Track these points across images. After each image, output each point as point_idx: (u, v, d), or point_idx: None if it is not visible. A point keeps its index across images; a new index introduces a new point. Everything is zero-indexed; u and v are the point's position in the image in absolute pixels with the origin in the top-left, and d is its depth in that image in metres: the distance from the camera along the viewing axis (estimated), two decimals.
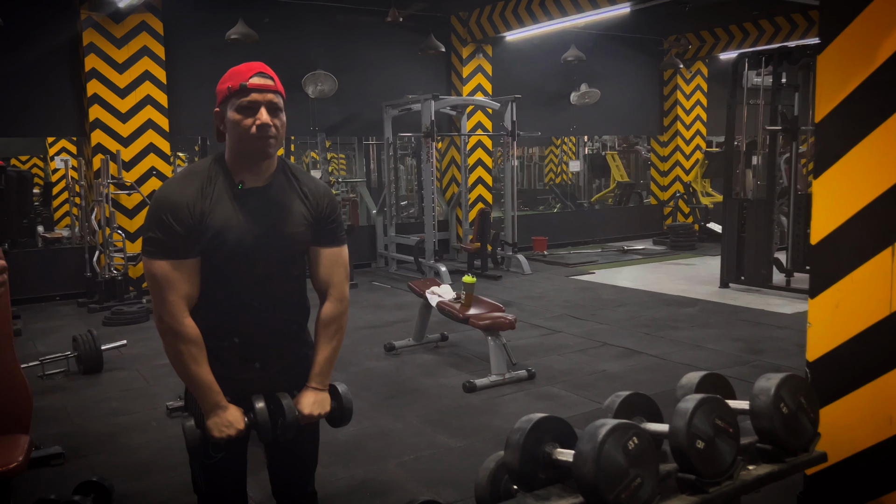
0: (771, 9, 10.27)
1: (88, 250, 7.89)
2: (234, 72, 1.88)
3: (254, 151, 1.86)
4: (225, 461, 1.95)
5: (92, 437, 4.03)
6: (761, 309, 6.89)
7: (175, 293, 1.81)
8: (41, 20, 7.86)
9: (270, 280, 1.92)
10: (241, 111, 1.83)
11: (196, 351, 1.84)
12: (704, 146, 13.16)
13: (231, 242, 1.84)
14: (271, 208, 1.90)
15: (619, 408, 1.51)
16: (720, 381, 1.62)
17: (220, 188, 1.87)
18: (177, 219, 1.80)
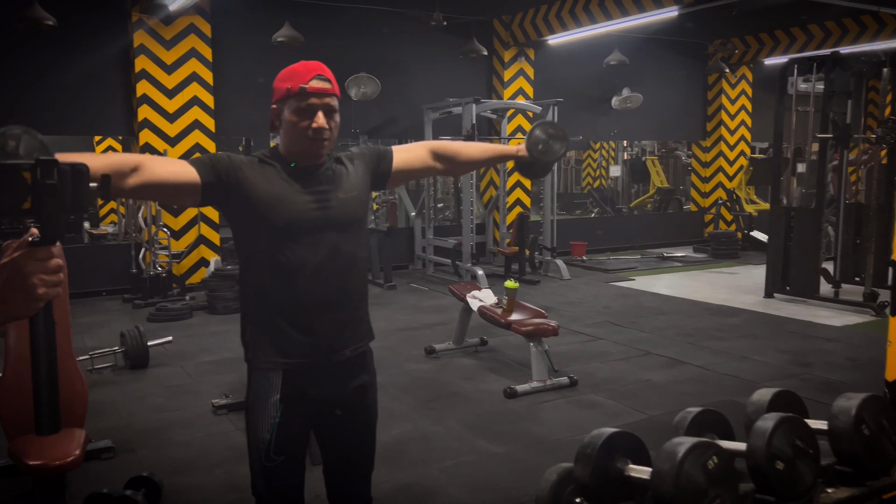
0: (821, 13, 10.04)
1: (134, 247, 8.05)
2: (293, 71, 1.89)
3: (308, 151, 1.90)
4: (285, 464, 1.94)
5: (139, 431, 4.10)
6: (808, 320, 6.73)
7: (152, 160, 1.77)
8: (94, 22, 8.05)
9: (335, 252, 1.91)
10: (299, 113, 1.85)
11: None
12: (749, 152, 12.92)
13: (288, 213, 1.86)
14: (325, 178, 1.94)
15: (691, 424, 1.47)
16: (793, 399, 1.57)
17: (274, 168, 1.90)
18: (212, 160, 1.84)
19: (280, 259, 1.87)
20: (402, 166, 2.12)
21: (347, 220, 1.95)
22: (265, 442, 1.92)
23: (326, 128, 1.86)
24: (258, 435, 1.94)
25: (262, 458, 1.93)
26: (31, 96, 7.82)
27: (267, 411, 1.92)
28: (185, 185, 1.79)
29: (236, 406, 4.43)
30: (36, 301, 1.14)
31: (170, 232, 8.03)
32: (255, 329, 1.97)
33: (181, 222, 8.44)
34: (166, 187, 1.77)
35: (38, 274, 1.12)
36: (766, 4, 9.41)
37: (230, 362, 5.48)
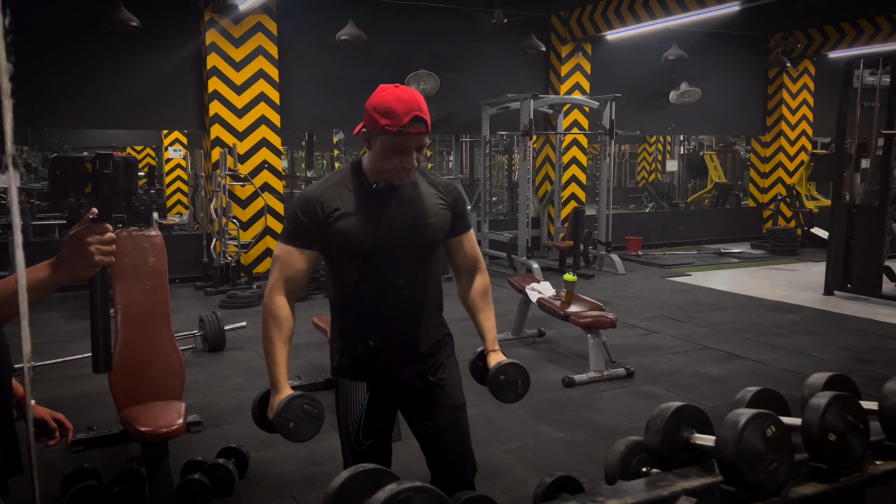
0: (889, 4, 9.82)
1: (205, 237, 8.46)
2: (391, 108, 1.87)
3: (392, 180, 1.98)
4: (373, 447, 2.09)
5: (222, 408, 4.42)
6: (869, 318, 6.69)
7: (279, 272, 1.98)
8: (170, 22, 8.49)
9: (409, 274, 2.03)
10: (392, 150, 1.90)
11: (275, 329, 1.97)
12: (810, 147, 12.69)
13: (366, 236, 1.95)
14: (403, 201, 2.00)
15: (752, 400, 1.63)
16: (847, 382, 1.71)
17: (356, 189, 2.00)
18: (305, 212, 1.96)
19: (352, 278, 2.02)
20: (450, 245, 2.17)
21: (424, 241, 2.04)
22: (355, 427, 2.08)
23: (415, 165, 1.94)
24: (348, 421, 2.10)
25: (351, 442, 2.10)
26: (112, 94, 8.30)
27: (356, 400, 2.09)
28: (311, 263, 2.01)
29: (309, 388, 4.71)
30: (94, 266, 1.46)
31: (238, 223, 8.42)
32: (339, 342, 2.12)
33: (249, 214, 8.83)
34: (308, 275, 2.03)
35: (96, 244, 1.44)
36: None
37: (299, 347, 5.78)
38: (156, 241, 3.31)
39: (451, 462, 2.20)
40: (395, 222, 1.99)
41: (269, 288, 2.00)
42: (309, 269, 2.01)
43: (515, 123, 9.39)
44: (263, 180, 8.89)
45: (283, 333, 1.99)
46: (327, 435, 3.97)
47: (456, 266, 2.22)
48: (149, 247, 3.30)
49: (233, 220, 8.28)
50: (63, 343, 5.74)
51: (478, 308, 2.23)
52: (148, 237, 3.30)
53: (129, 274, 3.23)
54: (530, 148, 9.05)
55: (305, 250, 1.99)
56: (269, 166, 8.94)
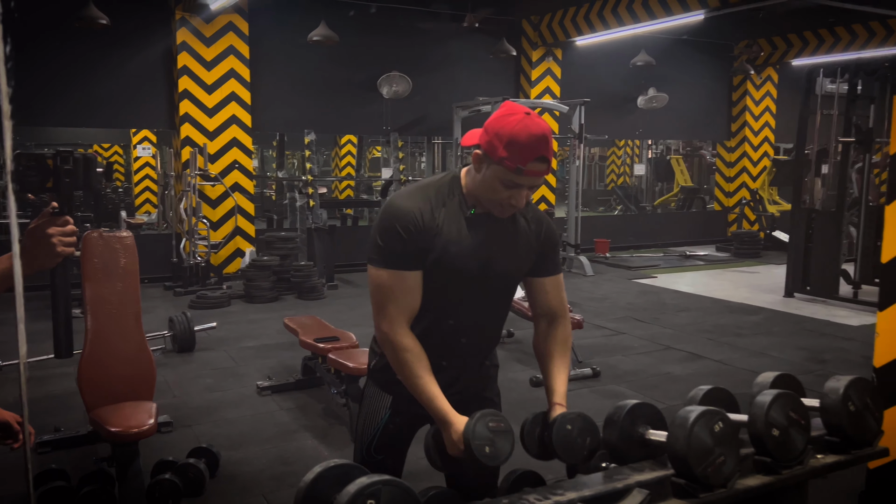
0: (848, 16, 10.13)
1: (175, 237, 8.41)
2: (516, 141, 1.67)
3: (493, 211, 1.82)
4: (384, 462, 2.01)
5: (192, 409, 4.43)
6: (827, 320, 6.91)
7: (396, 304, 1.78)
8: (140, 20, 8.43)
9: (485, 303, 1.92)
10: (505, 184, 1.73)
11: (414, 359, 1.78)
12: (772, 153, 13.01)
13: (456, 264, 1.81)
14: (498, 235, 1.86)
15: (703, 398, 1.73)
16: (793, 381, 1.82)
17: (453, 208, 1.82)
18: (405, 228, 1.75)
19: (434, 299, 1.84)
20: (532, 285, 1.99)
21: (503, 282, 1.92)
22: (369, 438, 2.01)
23: (523, 205, 1.78)
24: (364, 431, 2.02)
25: (363, 452, 2.03)
26: (81, 92, 8.22)
27: (378, 412, 2.00)
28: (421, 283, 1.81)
29: (279, 388, 4.75)
30: (57, 256, 1.55)
31: (208, 223, 8.38)
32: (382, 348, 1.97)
33: (219, 214, 8.80)
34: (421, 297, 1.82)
35: (58, 236, 1.54)
36: (793, 7, 9.53)
37: (270, 348, 5.81)
38: (127, 241, 3.32)
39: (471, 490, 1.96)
40: (485, 255, 1.84)
41: (389, 323, 1.78)
42: (421, 289, 1.80)
43: None
44: (234, 180, 8.86)
45: (425, 365, 1.79)
46: (297, 435, 4.04)
47: (536, 309, 2.02)
48: (120, 248, 3.31)
49: (203, 220, 8.25)
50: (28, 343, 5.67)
51: (552, 359, 2.00)
52: (119, 238, 3.31)
53: (100, 275, 3.23)
54: None
55: (417, 271, 1.79)
56: (239, 166, 8.91)
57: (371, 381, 2.04)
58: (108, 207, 12.60)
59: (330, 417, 4.31)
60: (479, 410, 1.68)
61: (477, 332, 1.95)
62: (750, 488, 1.52)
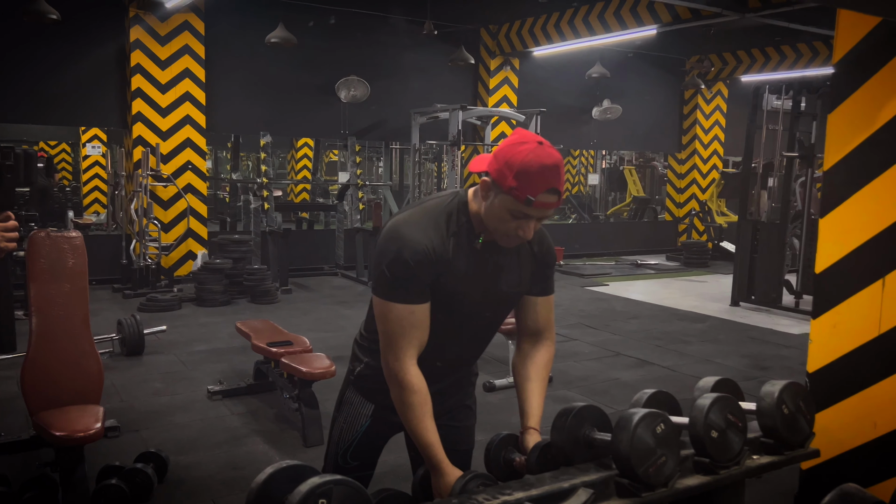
0: (793, 36, 10.51)
1: (125, 238, 8.24)
2: (527, 171, 1.64)
3: (500, 241, 1.79)
4: (357, 469, 2.01)
5: (140, 413, 4.35)
6: (770, 328, 7.14)
7: (406, 339, 1.74)
8: (93, 17, 8.25)
9: (485, 327, 1.93)
10: (515, 215, 1.69)
11: (418, 403, 1.75)
12: (721, 166, 13.40)
13: (463, 295, 1.79)
14: (499, 263, 1.84)
15: (647, 402, 1.79)
16: (732, 385, 1.90)
17: (462, 238, 1.78)
18: (416, 261, 1.70)
19: (437, 327, 1.80)
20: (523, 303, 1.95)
21: (500, 306, 1.90)
22: (346, 445, 2.01)
23: (531, 237, 1.75)
24: (342, 437, 2.02)
25: (338, 457, 2.03)
26: (29, 88, 7.99)
27: (358, 420, 1.99)
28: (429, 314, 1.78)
29: (230, 392, 4.69)
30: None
31: (160, 224, 8.23)
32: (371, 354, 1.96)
33: (171, 215, 8.65)
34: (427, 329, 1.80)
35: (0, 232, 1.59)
36: (741, 25, 9.85)
37: (221, 352, 5.74)
38: (76, 242, 3.26)
39: None
40: (490, 284, 1.83)
41: (399, 360, 1.75)
42: (429, 321, 1.78)
43: (445, 133, 9.55)
44: (187, 181, 8.73)
45: (429, 410, 1.77)
46: (248, 440, 4.01)
47: (522, 327, 1.98)
48: (68, 248, 3.24)
49: (154, 222, 8.10)
50: None
51: (531, 381, 1.96)
52: (67, 238, 3.24)
53: (47, 275, 3.16)
54: (459, 157, 9.22)
55: (425, 305, 1.75)
56: (192, 167, 8.78)
57: (353, 388, 2.01)
58: (54, 206, 12.26)
59: (282, 422, 4.28)
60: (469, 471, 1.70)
61: (472, 352, 1.99)
62: (689, 488, 1.59)
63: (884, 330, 2.42)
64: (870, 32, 2.41)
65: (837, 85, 2.52)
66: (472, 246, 1.79)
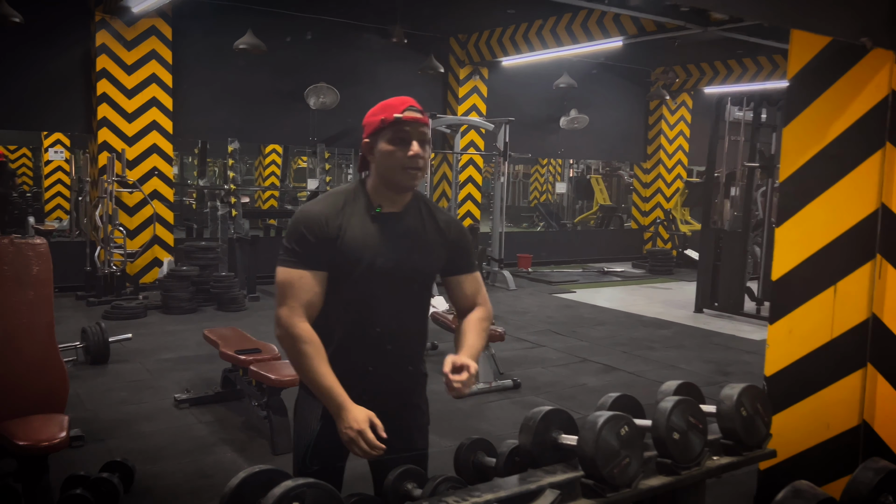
0: (754, 49, 10.80)
1: (89, 245, 8.11)
2: (387, 105, 1.92)
3: (401, 181, 1.92)
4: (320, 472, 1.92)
5: (106, 423, 4.29)
6: (732, 334, 7.30)
7: (295, 299, 1.87)
8: (57, 20, 8.13)
9: (395, 305, 1.98)
10: (394, 142, 1.88)
11: (311, 352, 1.85)
12: (685, 175, 13.66)
13: (365, 262, 1.90)
14: (406, 233, 1.96)
15: (612, 405, 1.84)
16: (693, 389, 1.96)
17: (358, 209, 1.94)
18: (310, 230, 1.88)
19: (337, 301, 1.93)
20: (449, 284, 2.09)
21: (414, 276, 1.98)
22: (304, 447, 2.02)
23: (422, 156, 1.89)
24: (300, 441, 2.05)
25: (300, 463, 2.04)
26: None
27: (310, 423, 2.02)
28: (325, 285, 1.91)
29: (198, 401, 4.66)
30: None
31: (125, 231, 8.12)
32: None
33: (136, 221, 8.53)
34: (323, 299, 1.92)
35: None
36: (705, 38, 10.08)
37: (188, 360, 5.69)
38: (40, 249, 3.22)
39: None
40: (392, 249, 1.94)
41: (288, 316, 1.87)
42: (323, 291, 1.91)
43: None
44: (153, 187, 8.62)
45: (321, 353, 1.88)
46: (216, 448, 3.98)
47: (457, 306, 2.13)
48: (33, 255, 3.21)
49: (119, 228, 7.98)
50: None
51: (465, 331, 2.07)
52: (32, 245, 3.21)
53: (10, 283, 3.12)
54: (428, 165, 9.26)
55: (318, 272, 1.90)
56: (159, 173, 8.68)
57: (303, 391, 2.06)
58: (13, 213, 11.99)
59: (250, 430, 4.26)
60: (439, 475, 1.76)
61: (398, 333, 2.00)
62: (652, 488, 1.64)
63: (836, 335, 2.53)
64: (821, 51, 2.53)
65: (792, 100, 2.63)
66: (370, 215, 1.93)
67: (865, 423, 2.49)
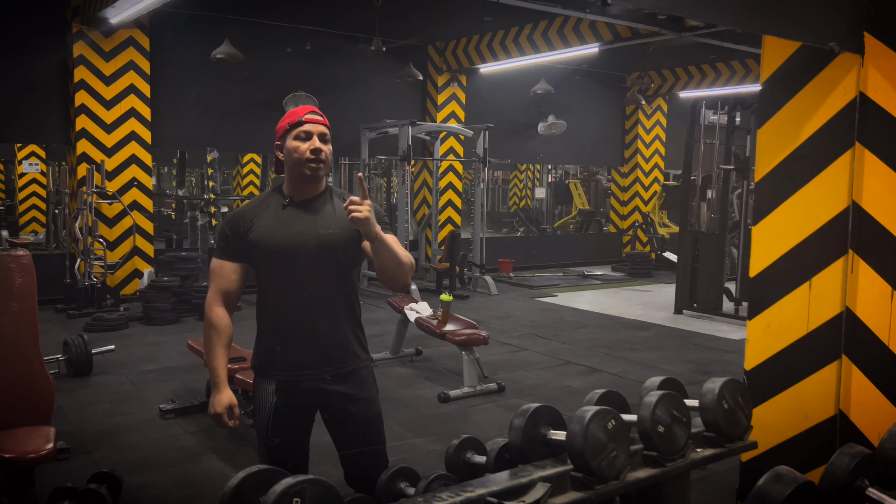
0: (727, 54, 11.00)
1: (69, 257, 8.03)
2: (292, 112, 2.27)
3: (307, 173, 2.19)
4: (284, 445, 2.25)
5: (90, 435, 4.27)
6: (711, 334, 7.42)
7: (215, 285, 2.24)
8: (33, 31, 8.05)
9: (313, 280, 2.19)
10: (298, 139, 2.19)
11: (214, 336, 2.22)
12: (662, 179, 13.83)
13: (273, 244, 2.19)
14: (310, 214, 2.22)
15: (598, 401, 1.89)
16: (676, 384, 2.02)
17: (272, 204, 2.26)
18: (231, 227, 2.24)
19: (266, 284, 2.25)
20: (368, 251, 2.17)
21: (325, 252, 2.19)
22: (265, 423, 2.24)
23: (322, 149, 2.19)
24: (260, 417, 2.27)
25: (264, 438, 2.26)
26: None
27: (265, 399, 2.25)
28: (243, 274, 2.27)
29: (183, 411, 4.64)
30: None
31: (105, 242, 8.06)
32: (257, 342, 2.34)
33: (116, 233, 8.47)
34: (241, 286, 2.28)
35: None
36: (679, 44, 10.25)
37: (171, 371, 5.66)
38: (24, 261, 3.22)
39: (364, 468, 2.30)
40: (298, 230, 2.20)
41: (208, 300, 2.25)
42: (241, 279, 2.26)
43: (394, 148, 9.63)
44: (132, 198, 8.57)
45: (222, 339, 2.23)
46: (203, 458, 3.98)
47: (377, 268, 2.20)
48: (15, 267, 3.20)
49: (99, 240, 7.92)
50: None
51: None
52: (15, 257, 3.20)
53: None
54: (408, 172, 9.31)
55: (234, 263, 2.25)
56: (138, 184, 8.64)
57: (256, 375, 2.33)
58: None
59: (237, 439, 4.26)
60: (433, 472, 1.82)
61: (321, 304, 2.21)
62: (639, 479, 1.70)
63: (811, 328, 2.61)
64: (791, 56, 2.61)
65: (764, 103, 2.72)
66: (281, 206, 2.23)
67: (841, 412, 2.57)
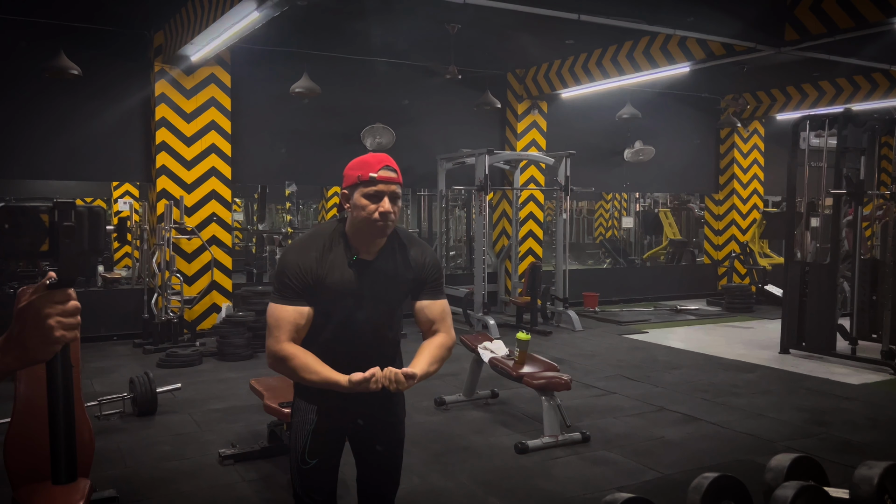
0: (832, 70, 10.15)
1: (147, 292, 8.09)
2: (363, 162, 2.17)
3: (373, 232, 2.17)
4: (318, 467, 2.29)
5: (145, 481, 4.05)
6: (825, 378, 6.62)
7: (282, 329, 2.17)
8: (117, 72, 8.27)
9: (371, 329, 2.28)
10: (367, 198, 2.12)
11: (302, 358, 2.13)
12: (762, 206, 12.92)
13: (340, 305, 2.21)
14: (377, 278, 2.24)
15: (707, 491, 1.43)
16: (813, 466, 1.53)
17: (337, 256, 2.21)
18: (294, 277, 2.18)
19: (328, 326, 2.25)
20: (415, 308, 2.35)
21: (385, 310, 2.30)
22: (301, 445, 2.28)
23: (391, 212, 2.14)
24: (297, 439, 2.29)
25: (298, 461, 2.29)
26: (53, 142, 8.00)
27: (305, 420, 2.29)
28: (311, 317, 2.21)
29: (243, 456, 4.38)
30: (54, 343, 1.16)
31: (182, 277, 8.08)
32: None
33: (194, 268, 8.50)
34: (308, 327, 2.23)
35: (56, 316, 1.15)
36: (776, 61, 9.52)
37: (238, 410, 5.45)
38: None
39: (379, 488, 2.43)
40: (365, 294, 2.23)
41: (276, 341, 2.15)
42: (309, 321, 2.21)
43: (472, 178, 9.33)
44: (212, 233, 8.60)
45: (312, 358, 2.14)
46: None
47: (421, 328, 2.38)
48: None
49: (176, 275, 7.94)
50: None
51: (423, 348, 2.27)
52: None
53: None
54: (486, 203, 8.96)
55: (302, 307, 2.20)
56: (218, 219, 8.66)
57: (298, 397, 2.34)
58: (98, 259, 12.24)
59: None
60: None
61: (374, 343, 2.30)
62: None
63: None
64: None
65: None
66: (349, 262, 2.22)
67: None
